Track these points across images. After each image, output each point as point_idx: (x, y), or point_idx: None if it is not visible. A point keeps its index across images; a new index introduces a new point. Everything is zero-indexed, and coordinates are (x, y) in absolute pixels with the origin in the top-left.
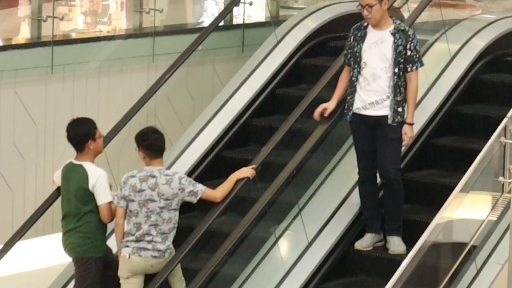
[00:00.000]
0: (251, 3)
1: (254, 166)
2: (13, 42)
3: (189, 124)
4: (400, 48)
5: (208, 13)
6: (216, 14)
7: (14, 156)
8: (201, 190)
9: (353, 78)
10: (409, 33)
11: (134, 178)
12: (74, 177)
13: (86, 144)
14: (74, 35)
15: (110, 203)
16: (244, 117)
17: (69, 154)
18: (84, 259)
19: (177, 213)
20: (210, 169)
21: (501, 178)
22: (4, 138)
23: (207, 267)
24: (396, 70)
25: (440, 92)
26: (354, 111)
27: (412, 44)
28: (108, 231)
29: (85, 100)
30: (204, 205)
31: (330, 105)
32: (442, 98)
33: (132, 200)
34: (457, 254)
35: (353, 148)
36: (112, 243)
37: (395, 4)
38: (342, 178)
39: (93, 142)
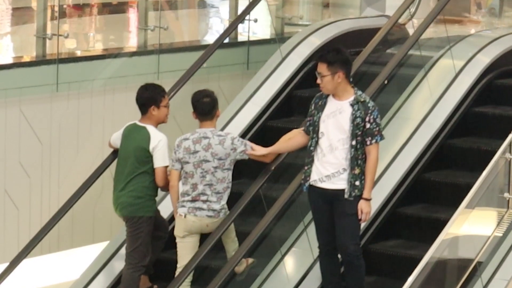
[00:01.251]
0: (256, 20)
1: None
2: None
3: None
4: (358, 120)
5: (213, 30)
6: (221, 32)
7: (19, 174)
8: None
9: (311, 148)
10: (369, 105)
11: (188, 140)
12: (136, 137)
13: (149, 108)
14: (79, 53)
15: (166, 167)
16: (249, 132)
17: (75, 172)
18: (135, 219)
19: (230, 172)
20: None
21: (506, 194)
22: (9, 156)
23: (257, 229)
24: (354, 142)
25: (407, 160)
26: (311, 183)
27: (372, 116)
28: (162, 193)
29: (90, 118)
30: (252, 172)
31: (258, 151)
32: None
33: (187, 162)
34: (462, 270)
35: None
36: (165, 205)
37: (400, 21)
38: (304, 251)
39: (156, 108)
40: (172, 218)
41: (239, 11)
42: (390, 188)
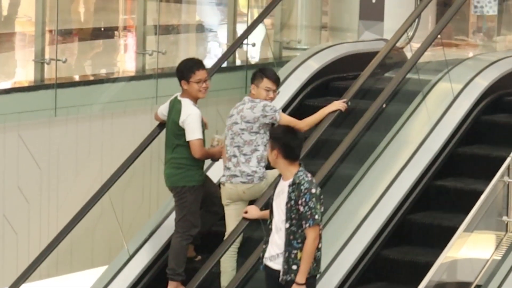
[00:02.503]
0: (254, 44)
1: (345, 100)
2: None
3: None
4: (292, 202)
5: (212, 54)
6: (219, 55)
7: (18, 199)
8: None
9: (270, 226)
10: (301, 187)
11: (233, 107)
12: (172, 110)
13: (180, 82)
14: (77, 78)
15: (199, 140)
16: None
17: (73, 196)
18: (178, 188)
19: (258, 136)
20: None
21: (505, 218)
22: (8, 181)
23: None
24: (287, 225)
25: (366, 235)
26: (264, 261)
27: (303, 199)
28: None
29: (88, 142)
30: None
31: (253, 213)
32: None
33: (226, 125)
34: None
35: None
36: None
37: (398, 44)
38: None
39: (186, 83)
40: None
41: (238, 35)
42: (347, 267)
